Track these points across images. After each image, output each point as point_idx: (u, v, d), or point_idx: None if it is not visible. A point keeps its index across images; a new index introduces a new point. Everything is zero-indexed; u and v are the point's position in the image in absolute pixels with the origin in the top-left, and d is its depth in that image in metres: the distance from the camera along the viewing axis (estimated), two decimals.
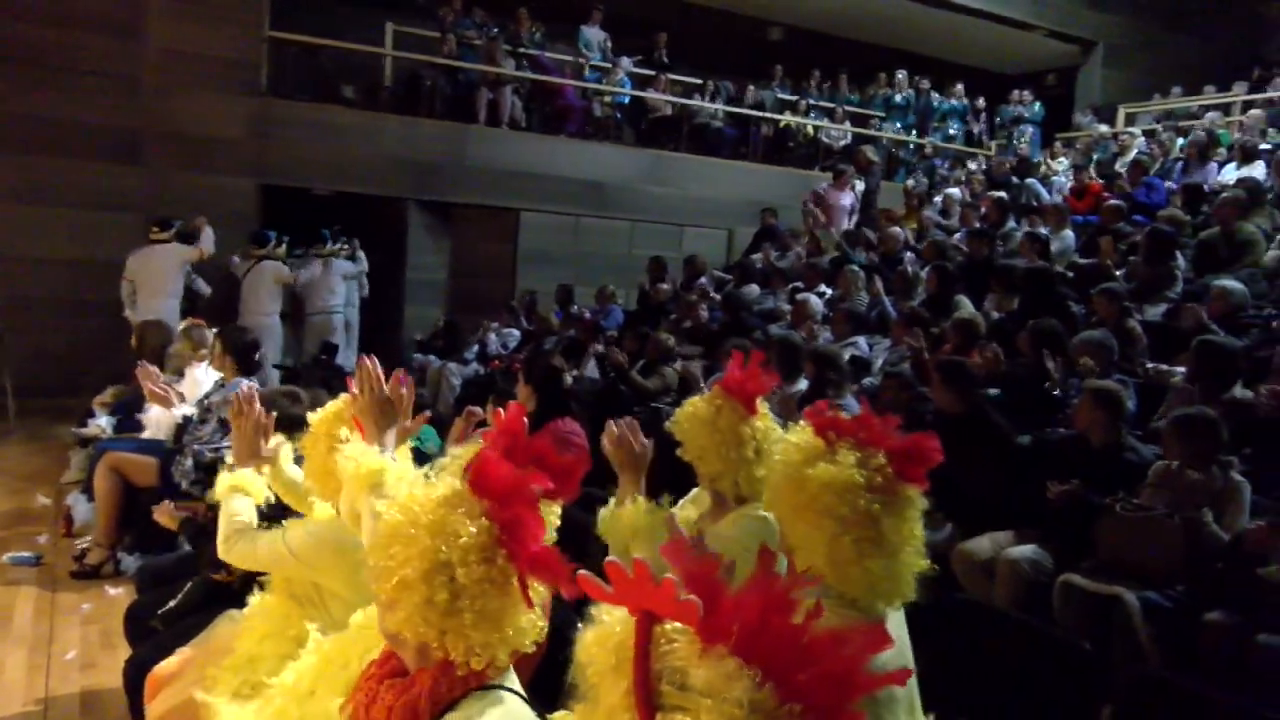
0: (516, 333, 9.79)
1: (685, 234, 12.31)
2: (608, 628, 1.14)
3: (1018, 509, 4.43)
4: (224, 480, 2.76)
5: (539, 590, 2.11)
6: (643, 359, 7.18)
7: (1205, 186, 9.18)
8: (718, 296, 8.96)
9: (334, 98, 11.15)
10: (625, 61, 12.49)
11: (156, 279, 8.49)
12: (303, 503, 2.83)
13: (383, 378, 2.38)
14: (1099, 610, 3.81)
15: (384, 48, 11.83)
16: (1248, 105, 12.44)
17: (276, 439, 2.89)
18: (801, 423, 2.03)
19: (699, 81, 13.37)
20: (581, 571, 1.23)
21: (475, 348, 9.66)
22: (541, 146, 11.65)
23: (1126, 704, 2.35)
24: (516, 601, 1.53)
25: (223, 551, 2.66)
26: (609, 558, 1.17)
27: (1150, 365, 5.53)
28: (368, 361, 2.35)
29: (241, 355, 4.96)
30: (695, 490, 2.95)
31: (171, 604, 3.29)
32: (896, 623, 1.91)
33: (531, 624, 1.57)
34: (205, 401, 5.03)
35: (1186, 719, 2.26)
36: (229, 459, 2.88)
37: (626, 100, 12.57)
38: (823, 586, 1.88)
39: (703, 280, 9.85)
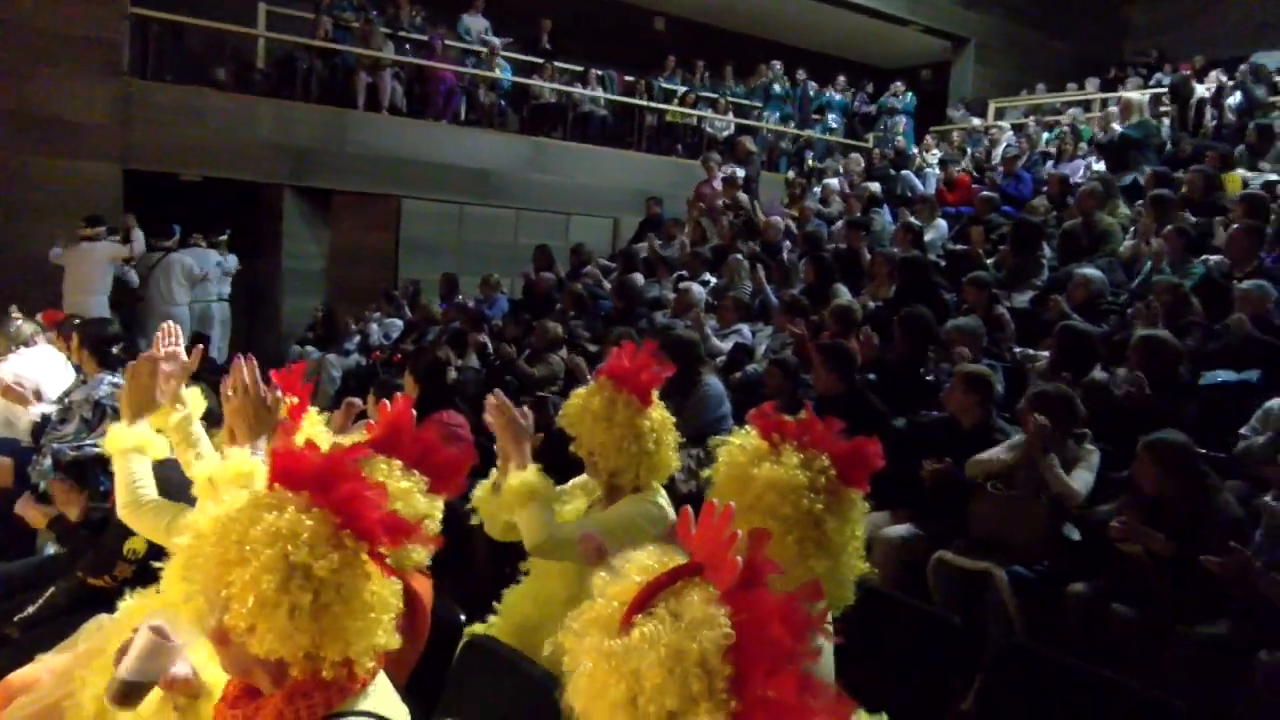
0: (399, 323, 9.61)
1: (571, 222, 12.27)
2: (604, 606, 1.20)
3: (893, 489, 4.57)
4: (126, 435, 2.46)
5: (420, 581, 2.06)
6: (528, 348, 7.15)
7: (1071, 180, 9.63)
8: (607, 285, 8.99)
9: (203, 80, 10.68)
10: (498, 43, 12.31)
11: (86, 276, 8.54)
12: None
13: (259, 381, 2.29)
14: (970, 585, 3.96)
15: (256, 28, 11.40)
16: (1105, 102, 13.10)
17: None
18: (747, 426, 2.04)
19: (583, 69, 13.32)
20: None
21: (356, 338, 9.45)
22: (423, 133, 11.43)
23: (995, 674, 2.44)
24: (378, 579, 1.48)
25: (125, 515, 2.46)
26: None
27: (1017, 350, 5.76)
28: (244, 363, 2.26)
29: (100, 350, 4.71)
30: (582, 477, 2.94)
31: (31, 609, 3.11)
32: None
33: (396, 594, 1.51)
34: (67, 400, 4.78)
35: (1050, 686, 2.36)
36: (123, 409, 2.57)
37: (508, 86, 12.43)
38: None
39: (589, 269, 9.84)
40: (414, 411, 2.23)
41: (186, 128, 9.98)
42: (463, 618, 2.62)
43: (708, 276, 8.58)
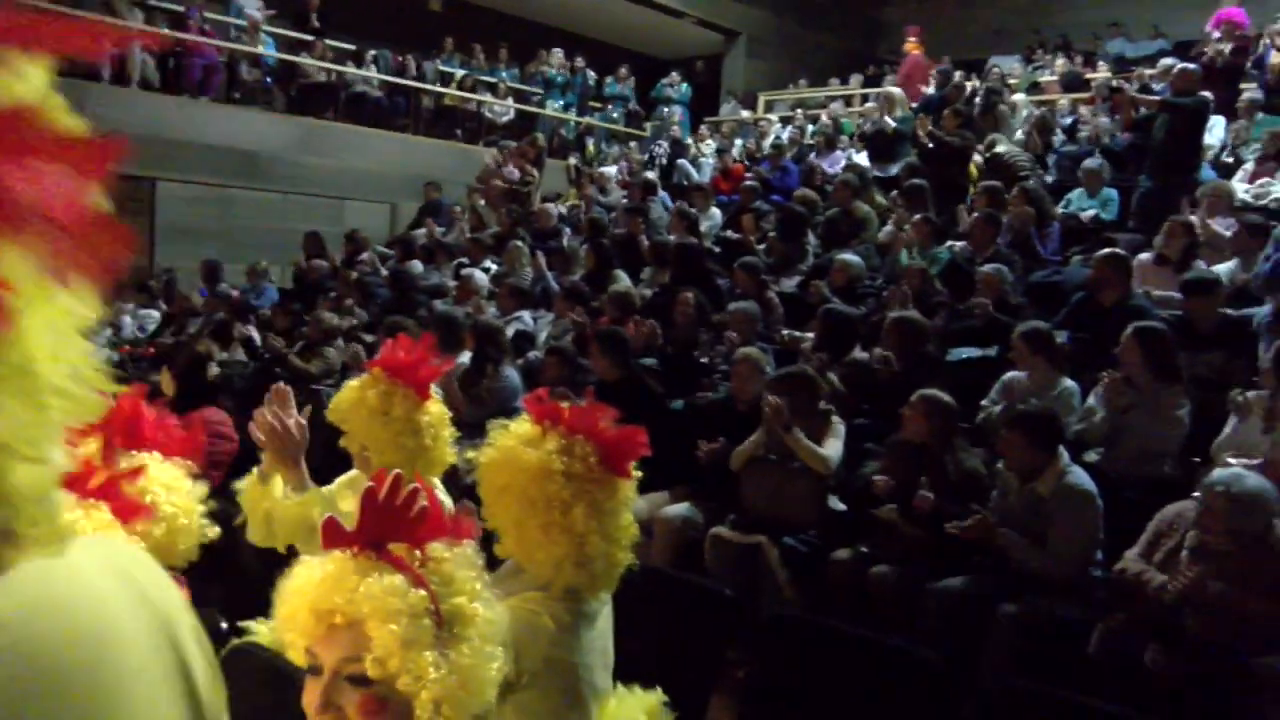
0: (155, 314, 8.95)
1: (346, 208, 11.79)
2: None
3: (673, 470, 4.69)
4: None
5: None
6: (301, 340, 6.84)
7: (830, 171, 10.19)
8: (384, 272, 8.73)
9: None
10: (258, 15, 11.62)
11: None
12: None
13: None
14: (745, 558, 4.14)
15: None
16: (865, 98, 13.94)
17: None
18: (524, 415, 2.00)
19: (353, 48, 12.83)
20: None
21: (107, 331, 8.72)
22: (180, 110, 10.64)
23: (764, 641, 2.55)
24: None
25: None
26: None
27: (786, 332, 6.05)
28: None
29: None
30: (351, 474, 2.82)
31: None
32: (605, 616, 1.94)
33: None
34: None
35: (816, 649, 2.48)
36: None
37: (273, 63, 11.79)
38: (518, 571, 1.88)
39: (365, 256, 9.52)
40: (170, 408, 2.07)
41: None
42: (224, 626, 2.46)
43: (489, 263, 8.49)
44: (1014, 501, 3.75)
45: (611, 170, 11.86)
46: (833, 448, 4.24)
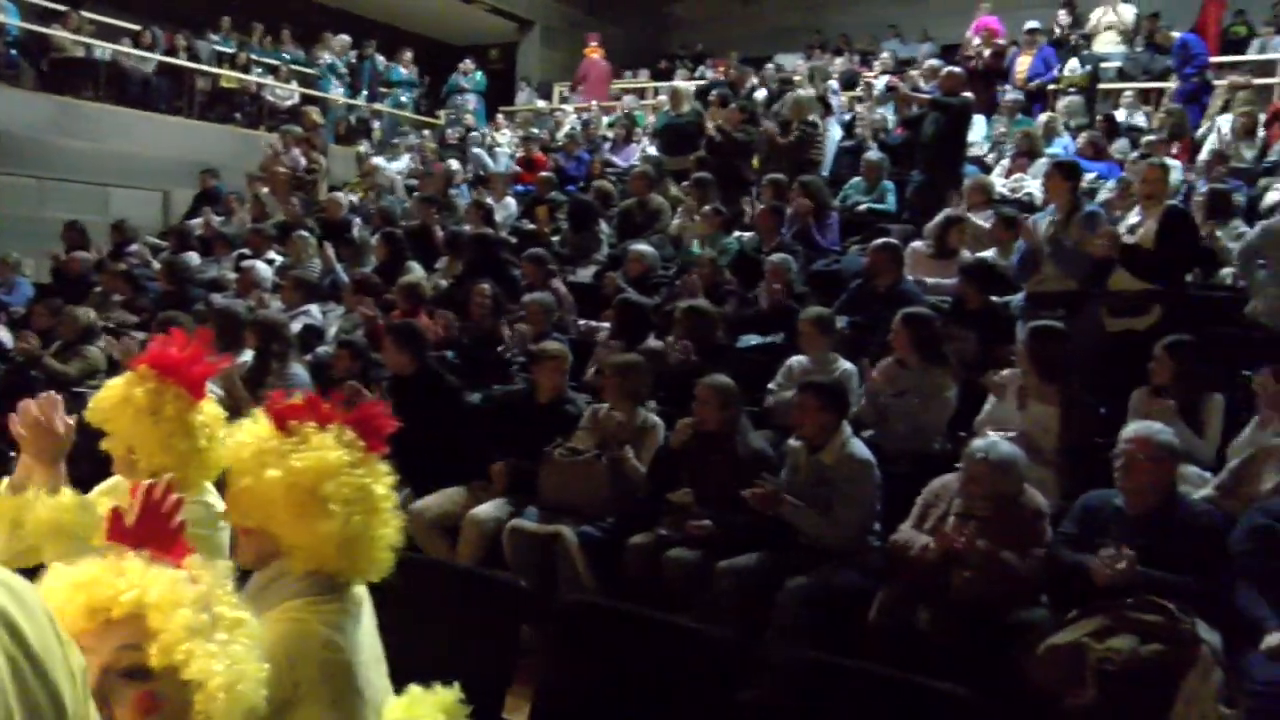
0: None
1: (112, 195, 10.88)
2: None
3: (471, 465, 4.63)
4: None
5: None
6: (58, 339, 6.28)
7: (625, 163, 10.33)
8: (157, 265, 8.14)
9: None
10: None
11: None
12: None
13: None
14: (545, 549, 4.13)
15: None
16: (657, 90, 14.20)
17: None
18: (257, 411, 1.88)
19: (116, 23, 11.90)
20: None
21: None
22: None
23: (560, 629, 2.56)
24: None
25: None
26: None
27: (581, 322, 6.08)
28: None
29: None
30: (112, 480, 2.62)
31: None
32: (369, 614, 1.86)
33: None
34: None
35: (610, 634, 2.51)
36: None
37: (15, 33, 10.73)
38: (268, 584, 1.78)
39: (135, 247, 8.86)
40: None
41: None
42: None
43: (273, 254, 8.09)
44: (801, 475, 3.92)
45: (405, 159, 11.56)
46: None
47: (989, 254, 6.13)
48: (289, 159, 10.38)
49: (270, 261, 7.84)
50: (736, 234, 7.17)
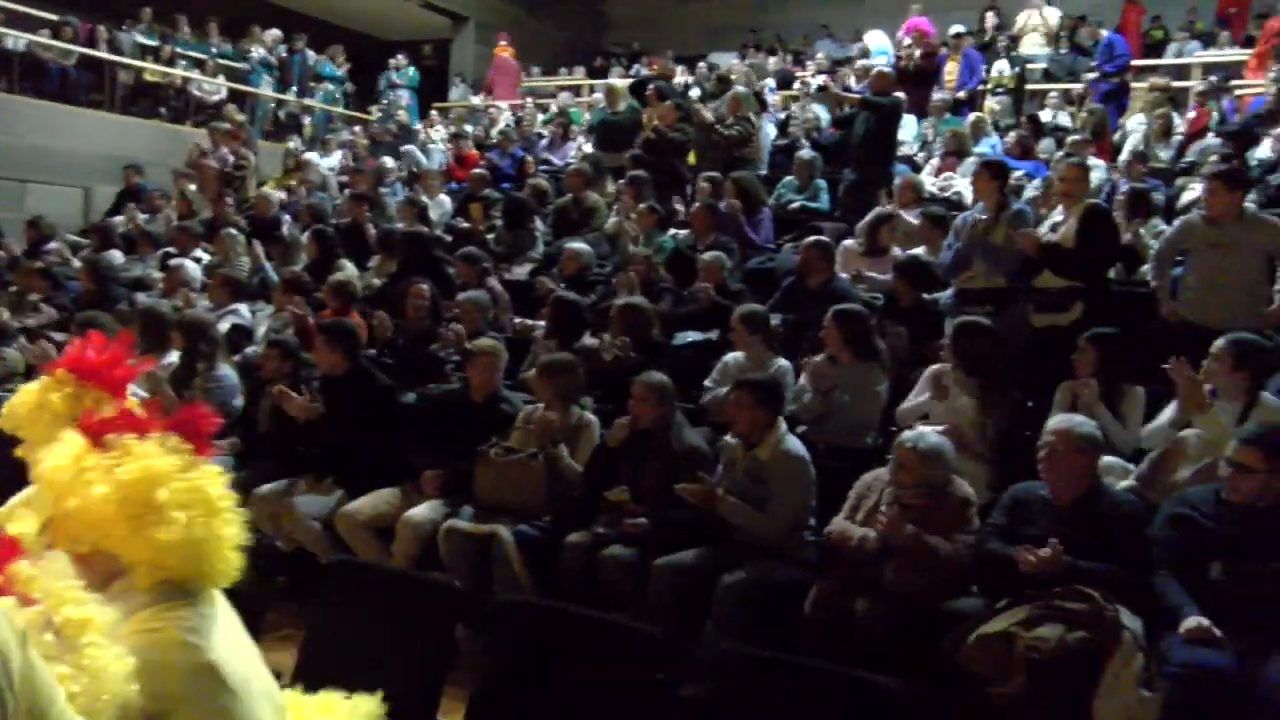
0: None
1: (29, 191, 10.54)
2: None
3: (405, 466, 4.57)
4: None
5: None
6: None
7: (560, 161, 10.29)
8: (77, 263, 7.90)
9: None
10: None
11: None
12: None
13: None
14: (480, 549, 4.10)
15: None
16: (593, 88, 14.18)
17: None
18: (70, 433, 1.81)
19: (32, 11, 11.51)
20: None
21: None
22: None
23: (493, 629, 2.54)
24: None
25: None
26: None
27: (517, 320, 6.04)
28: None
29: None
30: (27, 491, 2.53)
31: None
32: (230, 615, 1.81)
33: None
34: None
35: (544, 633, 2.49)
36: None
37: None
38: (156, 590, 1.72)
39: (54, 245, 8.59)
40: None
41: None
42: None
43: (200, 253, 7.90)
44: (737, 472, 3.95)
45: (337, 155, 11.38)
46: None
47: (919, 251, 6.23)
48: (217, 155, 10.15)
49: (197, 260, 7.67)
50: (672, 232, 7.18)
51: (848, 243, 6.49)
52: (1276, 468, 3.11)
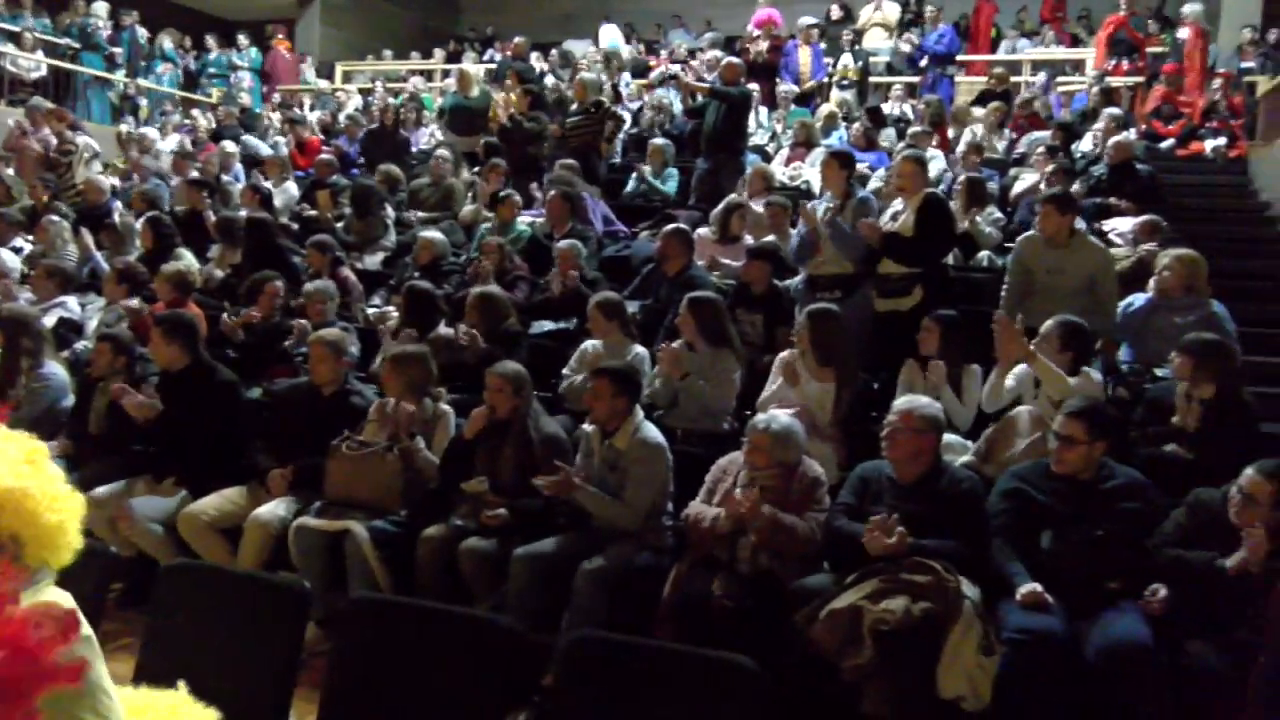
0: None
1: None
2: None
3: (250, 464, 4.39)
4: None
5: None
6: None
7: (415, 146, 10.06)
8: None
9: None
10: None
11: None
12: None
13: None
14: (333, 547, 3.97)
15: None
16: (446, 73, 13.92)
17: None
18: None
19: None
20: None
21: None
22: None
23: (349, 629, 2.46)
24: None
25: None
26: None
27: (369, 310, 5.88)
28: None
29: None
30: None
31: None
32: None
33: None
34: None
35: (404, 631, 2.43)
36: None
37: None
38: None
39: None
40: None
41: None
42: None
43: (20, 242, 7.37)
44: (595, 460, 3.95)
45: (174, 138, 10.79)
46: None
47: (769, 239, 6.36)
48: (38, 137, 9.48)
49: (17, 250, 7.16)
50: (529, 219, 7.12)
51: (702, 231, 6.57)
52: (1097, 439, 3.34)
